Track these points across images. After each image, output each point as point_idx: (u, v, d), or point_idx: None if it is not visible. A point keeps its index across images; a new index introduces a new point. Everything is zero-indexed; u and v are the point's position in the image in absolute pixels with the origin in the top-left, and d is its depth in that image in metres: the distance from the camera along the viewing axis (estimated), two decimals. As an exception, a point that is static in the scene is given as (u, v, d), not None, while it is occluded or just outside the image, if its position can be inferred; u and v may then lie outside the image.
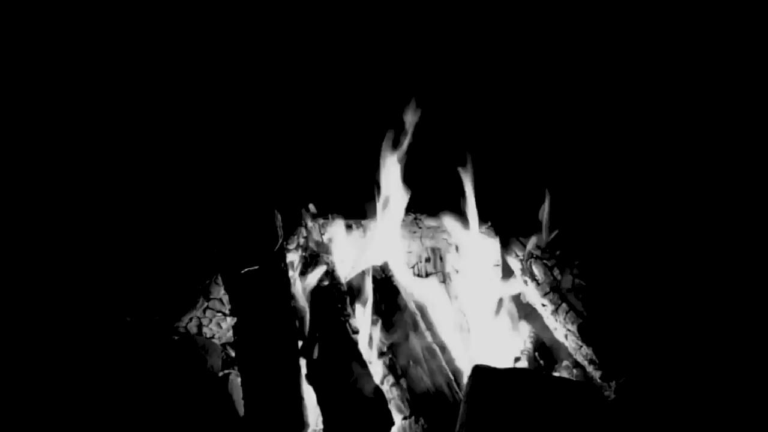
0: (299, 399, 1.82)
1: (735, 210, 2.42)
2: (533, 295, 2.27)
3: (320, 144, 2.79)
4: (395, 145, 2.33)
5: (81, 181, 2.66)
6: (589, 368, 2.07)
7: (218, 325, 2.26)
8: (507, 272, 2.38)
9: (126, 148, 2.77)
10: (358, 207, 2.40)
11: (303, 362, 1.91)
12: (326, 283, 2.10)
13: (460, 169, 2.27)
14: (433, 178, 2.45)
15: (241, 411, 1.86)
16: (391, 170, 2.31)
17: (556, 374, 2.15)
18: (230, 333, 2.21)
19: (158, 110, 2.85)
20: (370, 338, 2.03)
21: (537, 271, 2.26)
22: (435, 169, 2.44)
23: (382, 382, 1.91)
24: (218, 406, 1.91)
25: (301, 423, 1.79)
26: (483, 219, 2.39)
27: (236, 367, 2.10)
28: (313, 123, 2.88)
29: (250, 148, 2.84)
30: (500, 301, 2.32)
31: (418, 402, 1.84)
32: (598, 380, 2.02)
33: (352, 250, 2.37)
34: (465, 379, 1.93)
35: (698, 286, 2.16)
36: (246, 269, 1.97)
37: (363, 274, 2.17)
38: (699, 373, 1.89)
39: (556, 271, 2.23)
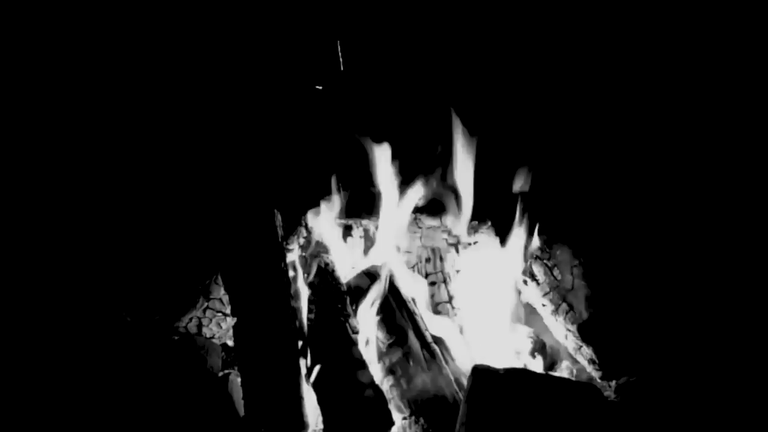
0: (299, 399, 1.82)
1: (735, 210, 2.42)
2: (533, 295, 2.27)
3: (320, 144, 2.79)
4: (395, 146, 2.34)
5: (81, 181, 2.66)
6: (589, 368, 2.07)
7: (218, 325, 2.26)
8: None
9: (126, 148, 2.77)
10: (358, 207, 2.40)
11: (303, 362, 1.91)
12: (325, 282, 2.10)
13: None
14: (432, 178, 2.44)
15: (241, 411, 1.86)
16: (390, 171, 2.32)
17: (556, 374, 2.15)
18: (230, 333, 2.21)
19: (158, 110, 2.85)
20: (370, 338, 2.03)
21: (537, 271, 2.26)
22: (434, 169, 2.43)
23: (382, 382, 1.91)
24: (218, 406, 1.91)
25: (301, 423, 1.79)
26: (483, 219, 2.39)
27: (236, 367, 2.10)
28: (313, 123, 2.88)
29: (250, 148, 2.84)
30: (500, 301, 2.32)
31: (418, 402, 1.84)
32: (598, 380, 2.02)
33: (352, 250, 2.37)
34: (465, 379, 1.93)
35: (698, 286, 2.16)
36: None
37: (363, 274, 2.17)
38: (699, 373, 1.89)
39: (556, 271, 2.23)
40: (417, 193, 2.31)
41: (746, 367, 1.89)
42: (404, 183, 2.34)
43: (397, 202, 2.33)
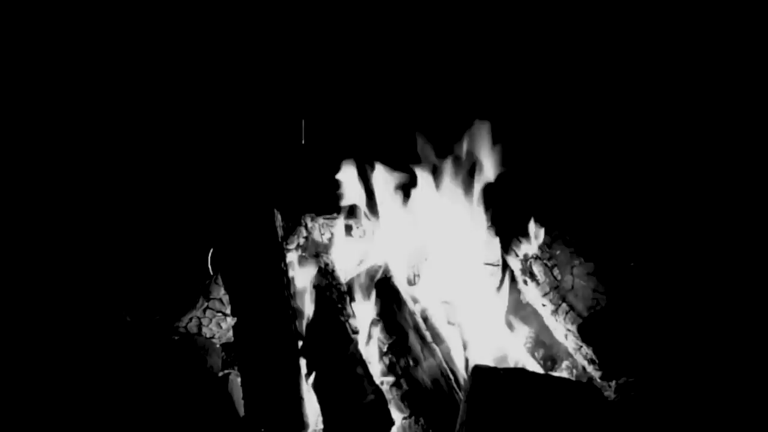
0: (299, 399, 1.82)
1: (735, 210, 2.42)
2: (533, 295, 2.27)
3: (320, 144, 2.80)
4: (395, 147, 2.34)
5: (82, 182, 2.66)
6: (589, 368, 2.07)
7: (218, 325, 2.26)
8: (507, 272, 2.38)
9: (126, 148, 2.78)
10: (358, 207, 2.40)
11: (303, 362, 1.91)
12: (325, 282, 2.10)
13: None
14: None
15: (241, 411, 1.86)
16: (391, 170, 2.32)
17: (556, 374, 2.15)
18: (230, 333, 2.21)
19: (159, 111, 2.85)
20: (370, 338, 2.03)
21: (537, 271, 2.26)
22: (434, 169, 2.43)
23: (382, 382, 1.91)
24: (218, 406, 1.91)
25: (301, 423, 1.79)
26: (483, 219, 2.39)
27: (236, 367, 2.10)
28: (313, 123, 2.88)
29: (250, 148, 2.84)
30: (500, 300, 2.32)
31: (418, 402, 1.84)
32: (598, 380, 2.02)
33: (352, 250, 2.37)
34: (465, 379, 1.93)
35: (698, 286, 2.16)
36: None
37: (363, 274, 2.17)
38: (699, 373, 1.89)
39: (556, 271, 2.23)
40: (419, 192, 2.32)
41: (746, 367, 1.89)
42: (405, 183, 2.34)
43: (398, 202, 2.33)
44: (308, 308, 2.07)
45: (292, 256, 2.30)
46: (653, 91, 2.80)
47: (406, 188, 2.35)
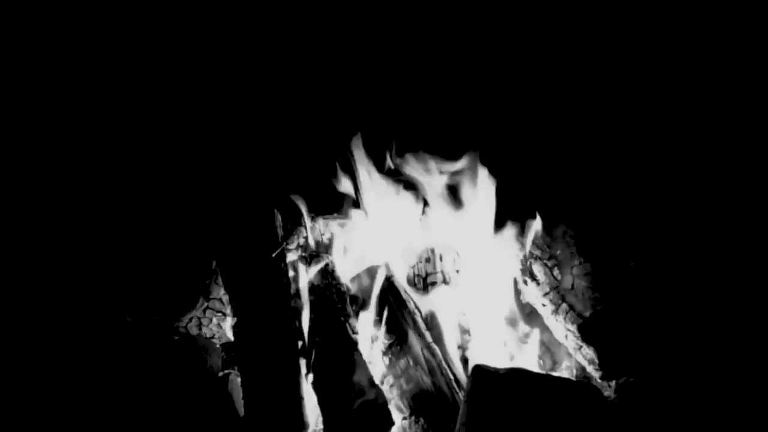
0: (299, 399, 1.82)
1: (735, 210, 2.42)
2: (533, 295, 2.27)
3: (320, 144, 2.79)
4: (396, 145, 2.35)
5: (81, 181, 2.66)
6: (589, 368, 2.07)
7: (218, 325, 2.26)
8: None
9: (126, 147, 2.77)
10: (358, 207, 2.40)
11: (303, 362, 1.91)
12: (325, 282, 2.11)
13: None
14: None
15: (241, 411, 1.86)
16: (392, 170, 2.32)
17: (556, 374, 2.15)
18: (230, 333, 2.21)
19: (158, 110, 2.85)
20: (370, 338, 2.03)
21: (537, 271, 2.26)
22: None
23: (382, 382, 1.91)
24: (218, 406, 1.91)
25: (301, 423, 1.79)
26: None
27: (236, 367, 2.10)
28: (313, 123, 2.88)
29: (250, 148, 2.84)
30: (500, 300, 2.32)
31: (418, 402, 1.84)
32: (598, 380, 2.03)
33: (352, 250, 2.37)
34: (465, 379, 1.93)
35: (698, 286, 2.16)
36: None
37: (363, 274, 2.17)
38: (699, 373, 1.90)
39: (556, 271, 2.23)
40: (419, 193, 2.33)
41: (746, 367, 1.89)
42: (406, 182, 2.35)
43: (397, 202, 2.33)
44: (308, 308, 2.07)
45: (292, 256, 2.31)
46: (654, 91, 2.80)
47: (406, 187, 2.35)
